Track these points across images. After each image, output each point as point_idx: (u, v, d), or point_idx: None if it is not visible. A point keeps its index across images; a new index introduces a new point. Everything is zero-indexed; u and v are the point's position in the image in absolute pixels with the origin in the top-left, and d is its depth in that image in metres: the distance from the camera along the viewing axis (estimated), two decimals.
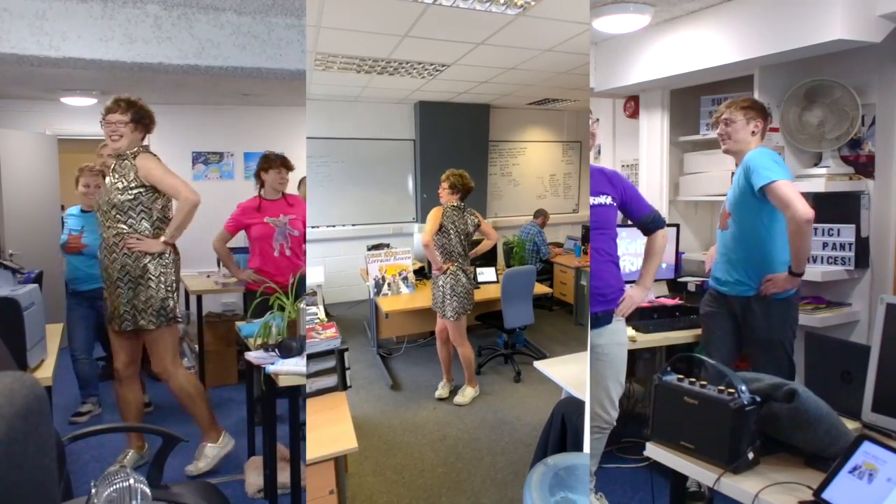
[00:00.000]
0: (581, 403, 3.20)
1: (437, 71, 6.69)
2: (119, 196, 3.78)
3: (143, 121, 3.89)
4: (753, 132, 3.44)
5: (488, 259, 7.10)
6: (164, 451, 2.67)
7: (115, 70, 4.23)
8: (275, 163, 4.81)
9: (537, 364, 3.78)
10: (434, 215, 5.19)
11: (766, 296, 3.36)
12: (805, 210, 3.10)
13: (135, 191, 3.79)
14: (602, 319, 3.33)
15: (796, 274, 3.31)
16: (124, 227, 3.80)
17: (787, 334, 3.42)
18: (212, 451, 4.17)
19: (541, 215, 8.54)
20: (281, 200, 4.84)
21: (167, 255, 3.91)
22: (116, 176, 3.83)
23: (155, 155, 3.94)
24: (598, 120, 3.53)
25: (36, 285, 3.35)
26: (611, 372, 3.36)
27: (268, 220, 4.79)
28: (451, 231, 5.19)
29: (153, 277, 3.84)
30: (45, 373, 3.15)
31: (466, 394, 5.26)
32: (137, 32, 4.06)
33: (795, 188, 3.18)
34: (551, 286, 7.99)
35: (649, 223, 3.47)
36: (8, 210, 6.70)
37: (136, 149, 3.87)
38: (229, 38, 4.24)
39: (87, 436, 2.63)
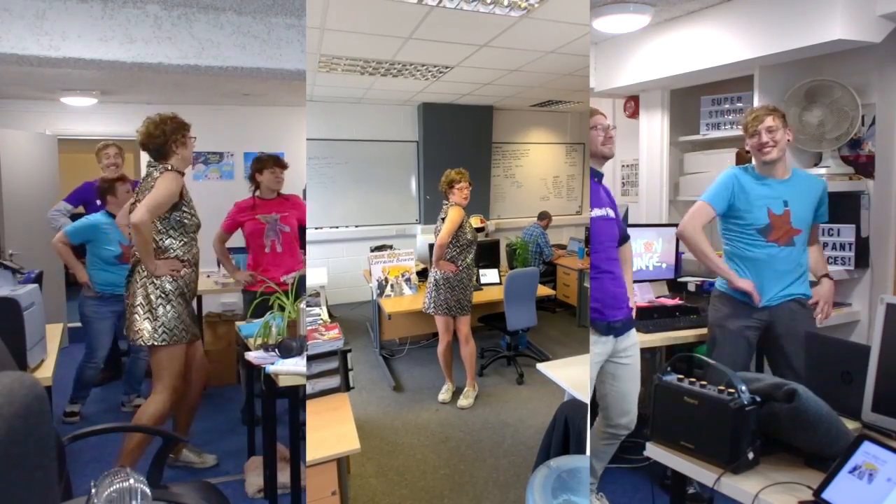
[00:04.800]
0: (584, 406, 3.20)
1: (440, 73, 6.69)
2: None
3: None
4: (788, 140, 3.42)
5: (491, 260, 7.11)
6: (164, 451, 2.67)
7: (115, 70, 4.23)
8: (268, 162, 4.83)
9: (540, 366, 3.78)
10: (459, 215, 5.19)
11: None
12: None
13: None
14: (627, 325, 3.32)
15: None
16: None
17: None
18: (194, 452, 4.29)
19: (544, 217, 8.54)
20: (276, 199, 4.86)
21: None
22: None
23: None
24: (615, 127, 3.50)
25: (36, 285, 3.35)
26: (636, 375, 3.37)
27: (259, 216, 4.82)
28: (468, 230, 5.27)
29: None
30: (45, 373, 3.16)
31: (469, 395, 5.26)
32: (137, 32, 4.06)
33: None
34: (554, 288, 7.97)
35: (624, 236, 3.54)
36: (8, 210, 6.71)
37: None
38: (229, 38, 4.24)
39: (87, 436, 2.63)
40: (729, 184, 3.52)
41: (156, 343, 3.68)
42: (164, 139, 3.71)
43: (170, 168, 3.69)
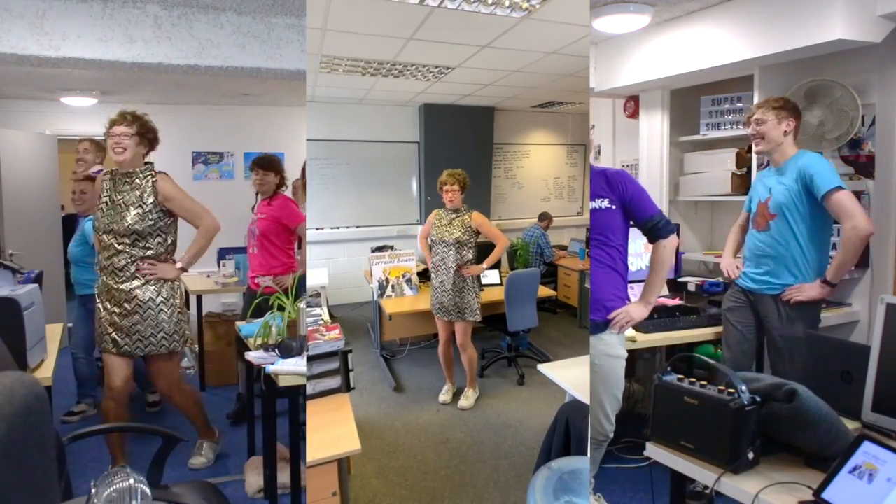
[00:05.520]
0: (585, 407, 3.19)
1: (441, 74, 6.69)
2: (140, 223, 3.67)
3: (147, 135, 3.80)
4: (786, 131, 3.42)
5: None
6: (164, 451, 2.67)
7: (115, 70, 4.23)
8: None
9: (541, 367, 3.77)
10: (430, 217, 5.28)
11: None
12: (868, 225, 3.23)
13: (155, 216, 3.71)
14: (596, 329, 3.18)
15: (831, 284, 3.37)
16: (140, 251, 3.72)
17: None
18: (211, 449, 4.31)
19: (545, 218, 8.55)
20: (265, 201, 4.87)
21: (177, 280, 3.89)
22: (127, 197, 3.71)
23: (170, 176, 3.86)
24: (593, 126, 3.51)
25: (36, 285, 3.35)
26: (604, 385, 3.19)
27: (252, 217, 4.89)
28: (442, 230, 5.24)
29: (164, 302, 3.78)
30: (45, 373, 3.15)
31: (469, 396, 5.26)
32: (137, 32, 4.06)
33: (855, 199, 3.25)
34: (555, 289, 7.97)
35: (651, 228, 3.20)
36: (8, 210, 6.70)
37: (149, 169, 3.78)
38: (229, 38, 4.24)
39: (87, 436, 2.63)
40: (758, 178, 3.80)
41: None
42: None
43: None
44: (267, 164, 4.82)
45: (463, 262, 5.14)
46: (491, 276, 6.72)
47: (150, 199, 3.70)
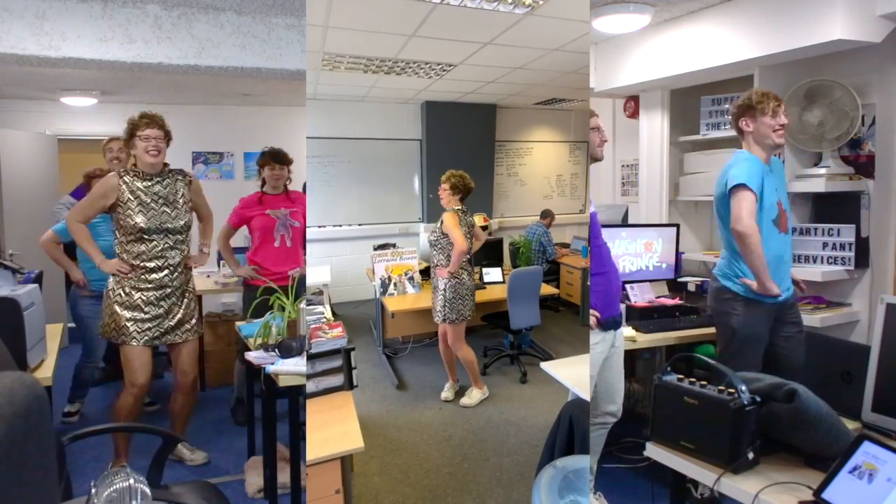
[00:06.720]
0: (588, 405, 3.20)
1: (443, 71, 6.69)
2: (184, 219, 3.89)
3: (167, 137, 3.85)
4: None
5: (494, 259, 7.11)
6: (164, 451, 2.68)
7: (114, 70, 4.24)
8: (267, 159, 4.76)
9: (544, 365, 3.76)
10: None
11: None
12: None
13: (190, 213, 3.96)
14: (621, 320, 3.49)
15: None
16: (186, 247, 3.92)
17: None
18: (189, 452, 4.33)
19: (547, 216, 8.55)
20: (282, 195, 4.80)
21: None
22: (171, 197, 3.83)
23: None
24: (600, 129, 3.44)
25: (36, 285, 3.35)
26: (622, 364, 3.50)
27: (269, 212, 4.79)
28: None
29: (192, 290, 4.04)
30: (45, 373, 3.16)
31: (473, 395, 5.25)
32: (137, 32, 4.07)
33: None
34: (558, 287, 7.98)
35: None
36: (8, 210, 6.71)
37: (180, 171, 3.93)
38: (229, 38, 4.24)
39: (87, 436, 2.63)
40: (758, 167, 3.20)
41: (104, 337, 3.95)
42: (127, 140, 3.85)
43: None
44: (283, 159, 4.75)
45: (435, 263, 5.23)
46: (493, 274, 6.74)
47: (187, 198, 3.91)
